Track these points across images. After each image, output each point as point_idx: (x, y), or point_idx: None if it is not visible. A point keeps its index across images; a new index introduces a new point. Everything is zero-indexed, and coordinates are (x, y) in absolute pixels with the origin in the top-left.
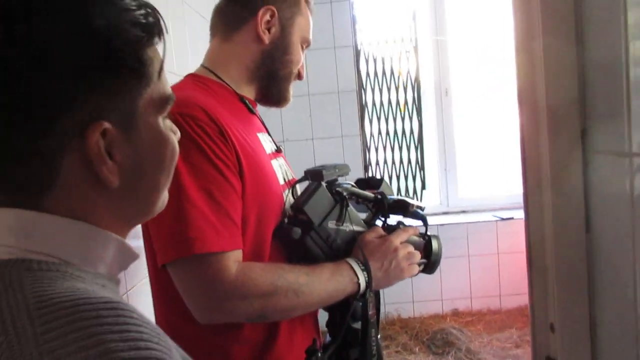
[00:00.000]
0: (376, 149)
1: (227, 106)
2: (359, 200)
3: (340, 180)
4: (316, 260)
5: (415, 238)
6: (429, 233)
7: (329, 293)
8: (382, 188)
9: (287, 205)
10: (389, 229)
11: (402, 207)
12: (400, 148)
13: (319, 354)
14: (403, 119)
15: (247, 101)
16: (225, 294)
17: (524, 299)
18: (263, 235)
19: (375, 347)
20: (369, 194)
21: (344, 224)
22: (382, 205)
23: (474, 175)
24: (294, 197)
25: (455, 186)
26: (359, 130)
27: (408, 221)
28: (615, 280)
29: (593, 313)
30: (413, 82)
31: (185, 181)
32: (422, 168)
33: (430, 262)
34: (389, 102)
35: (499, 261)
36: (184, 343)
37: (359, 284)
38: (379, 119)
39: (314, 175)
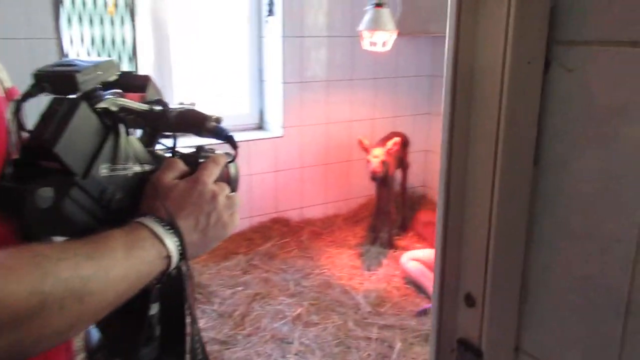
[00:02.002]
0: None
1: None
2: (132, 117)
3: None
4: (81, 232)
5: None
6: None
7: (129, 282)
8: (149, 92)
9: (13, 140)
10: (188, 160)
11: (195, 123)
12: None
13: None
14: (113, 24)
15: None
16: None
17: (249, 222)
18: None
19: (200, 348)
20: (144, 106)
21: (126, 166)
22: (165, 122)
23: (193, 91)
24: (21, 125)
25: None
26: (53, 33)
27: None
28: (565, 230)
29: (526, 276)
30: None
31: None
32: None
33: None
34: (94, 1)
35: None
36: None
37: (169, 257)
38: (80, 20)
39: (59, 83)
